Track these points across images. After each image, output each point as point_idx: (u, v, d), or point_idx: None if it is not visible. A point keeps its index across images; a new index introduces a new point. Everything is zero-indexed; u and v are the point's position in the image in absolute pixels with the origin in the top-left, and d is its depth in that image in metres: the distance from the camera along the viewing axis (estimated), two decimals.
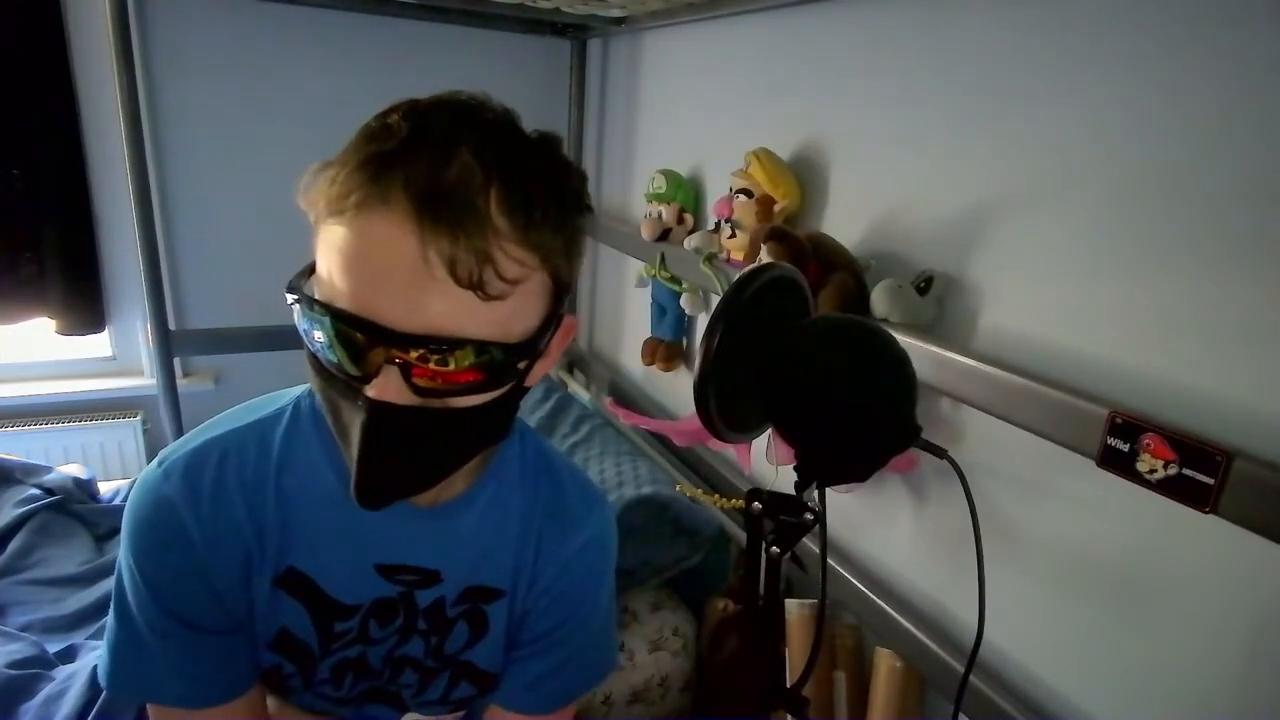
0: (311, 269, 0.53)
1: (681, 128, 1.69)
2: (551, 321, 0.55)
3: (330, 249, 0.49)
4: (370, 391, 0.49)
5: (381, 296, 0.47)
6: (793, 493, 0.64)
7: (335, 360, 0.50)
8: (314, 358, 0.53)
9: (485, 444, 0.60)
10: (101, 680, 0.63)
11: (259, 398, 0.68)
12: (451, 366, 0.49)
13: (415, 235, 0.45)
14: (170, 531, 0.60)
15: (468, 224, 0.46)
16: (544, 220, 0.50)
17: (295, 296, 0.51)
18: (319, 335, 0.50)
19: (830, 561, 1.18)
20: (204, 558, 0.61)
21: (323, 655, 0.66)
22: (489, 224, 0.47)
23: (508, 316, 0.50)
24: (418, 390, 0.49)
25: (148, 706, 0.65)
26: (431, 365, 0.49)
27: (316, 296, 0.50)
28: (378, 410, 0.49)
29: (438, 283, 0.46)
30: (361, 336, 0.48)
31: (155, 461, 0.63)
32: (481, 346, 0.49)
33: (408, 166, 0.46)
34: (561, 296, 0.56)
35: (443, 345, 0.48)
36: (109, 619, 0.63)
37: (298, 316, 0.51)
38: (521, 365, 0.54)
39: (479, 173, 0.47)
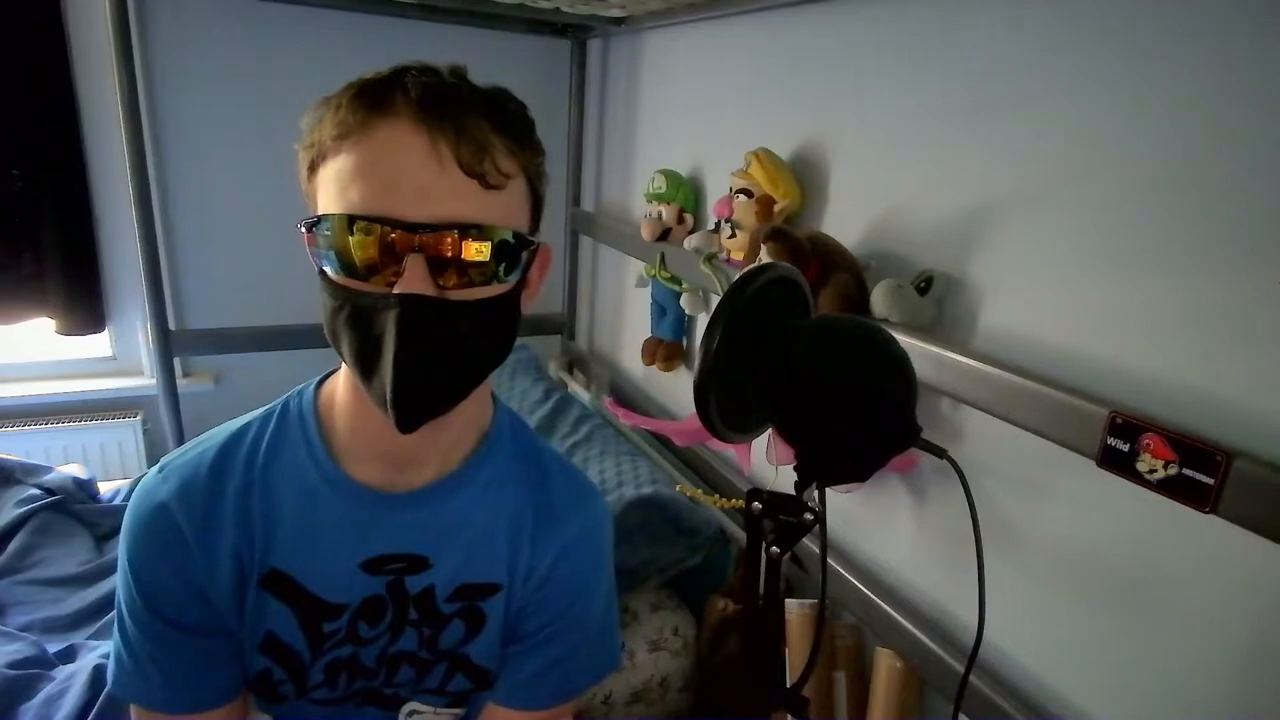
0: (312, 224, 0.55)
1: (681, 128, 1.70)
2: (534, 235, 0.60)
3: (337, 174, 0.53)
4: (399, 288, 0.52)
5: (395, 195, 0.51)
6: (793, 493, 0.64)
7: (358, 265, 0.52)
8: (332, 291, 0.55)
9: (493, 358, 0.61)
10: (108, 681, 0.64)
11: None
12: (469, 251, 0.53)
13: (425, 133, 0.51)
14: (164, 536, 0.61)
15: (467, 121, 0.52)
16: (520, 133, 0.57)
17: (311, 221, 0.54)
18: (339, 244, 0.53)
19: (830, 561, 1.18)
20: (197, 563, 0.61)
21: (314, 657, 0.66)
22: (482, 124, 0.53)
23: (506, 210, 0.56)
24: (440, 282, 0.53)
25: (131, 710, 0.65)
26: (449, 250, 0.53)
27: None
28: (409, 304, 0.52)
29: (446, 174, 0.52)
30: (383, 230, 0.51)
31: (156, 467, 0.64)
32: (492, 230, 0.54)
33: (403, 85, 0.53)
34: (537, 220, 0.62)
35: (457, 228, 0.52)
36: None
37: (314, 250, 0.54)
38: (524, 256, 0.58)
39: (463, 89, 0.55)
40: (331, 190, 0.53)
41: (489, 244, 0.54)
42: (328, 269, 0.54)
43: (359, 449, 0.64)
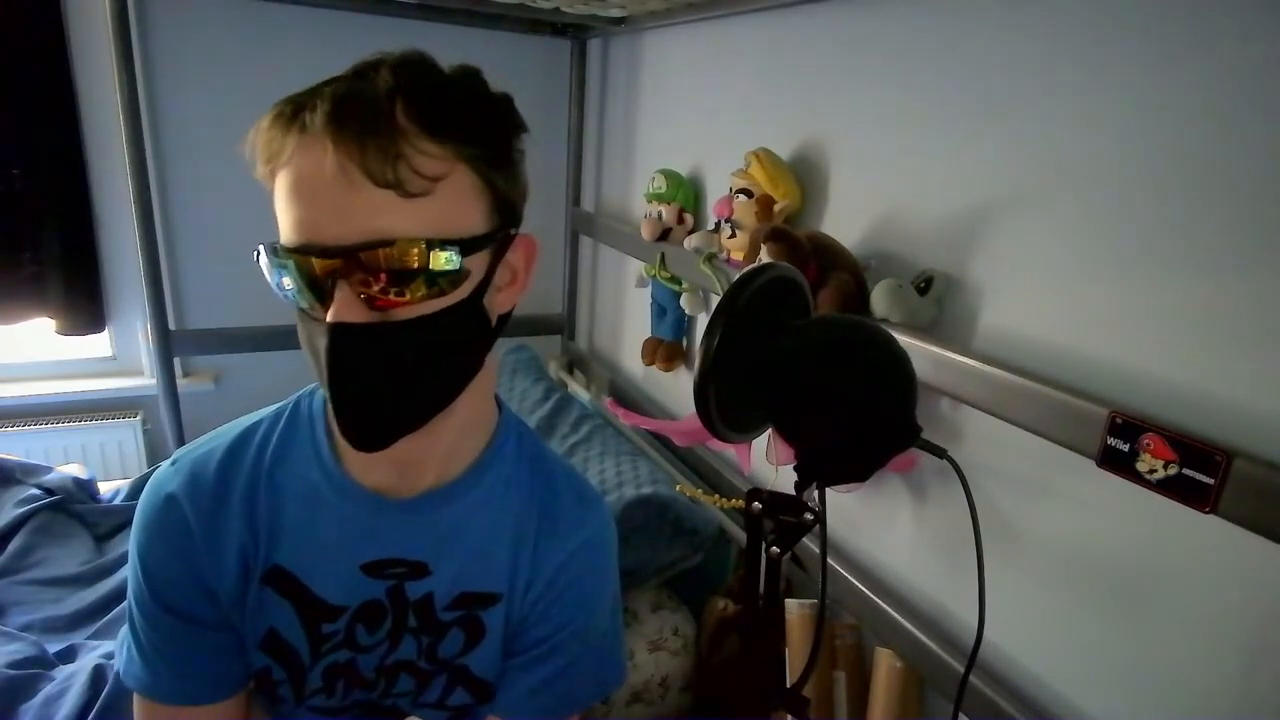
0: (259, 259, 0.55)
1: (681, 128, 1.69)
2: (499, 234, 0.56)
3: (278, 200, 0.52)
4: (329, 316, 0.50)
5: (316, 218, 0.50)
6: (793, 493, 0.64)
7: (292, 294, 0.52)
8: (298, 317, 0.55)
9: (454, 372, 0.58)
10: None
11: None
12: (394, 267, 0.50)
13: (330, 150, 0.49)
14: (172, 527, 0.61)
15: (375, 125, 0.49)
16: (457, 120, 0.52)
17: (257, 252, 0.53)
18: (279, 278, 0.52)
19: (830, 561, 1.18)
20: (203, 556, 0.62)
21: (313, 660, 0.66)
22: (396, 125, 0.50)
23: (438, 215, 0.52)
24: (372, 304, 0.51)
25: (135, 703, 0.65)
26: (373, 271, 0.50)
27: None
28: (336, 332, 0.50)
29: (358, 189, 0.49)
30: (306, 259, 0.50)
31: (170, 459, 0.65)
32: (413, 242, 0.50)
33: (315, 100, 0.50)
34: (506, 210, 0.57)
35: (377, 246, 0.50)
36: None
37: (267, 274, 0.54)
38: (468, 266, 0.54)
39: (389, 85, 0.51)
40: (278, 216, 0.53)
41: (413, 258, 0.50)
42: (278, 292, 0.54)
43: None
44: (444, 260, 0.52)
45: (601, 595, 0.73)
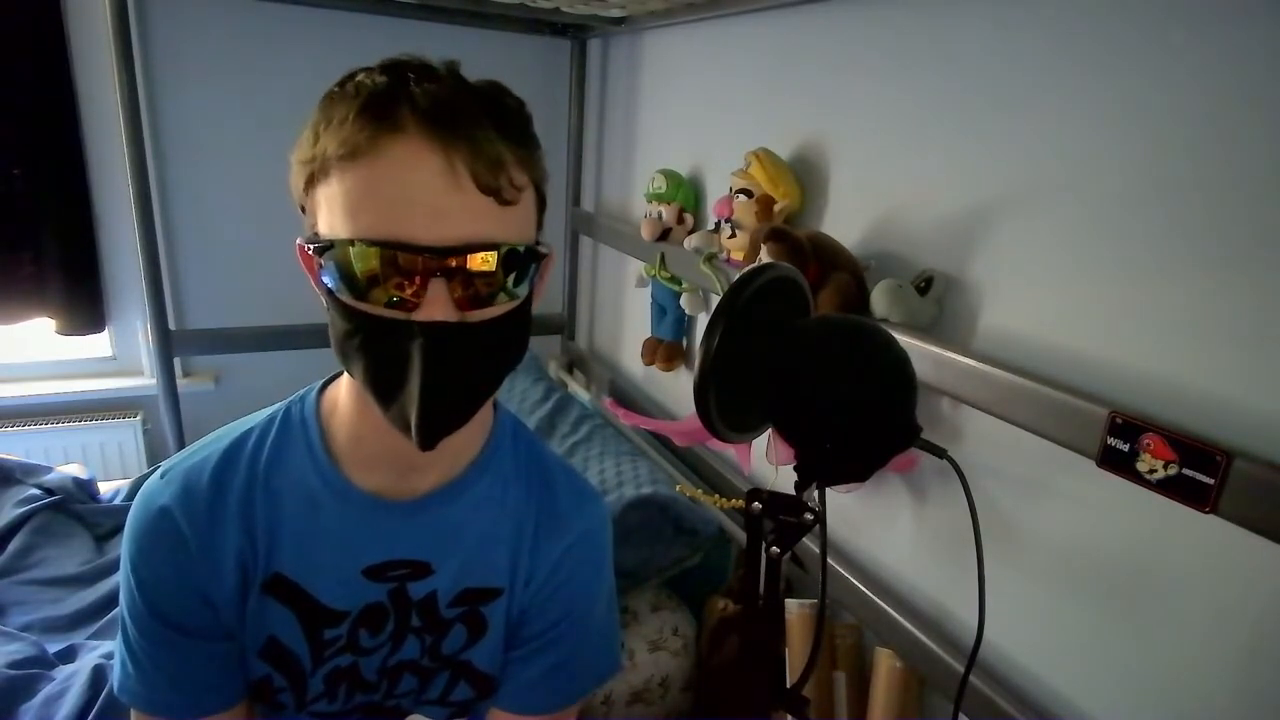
0: (312, 238, 0.54)
1: (681, 128, 1.70)
2: (540, 239, 0.59)
3: (345, 193, 0.51)
4: (421, 315, 0.51)
5: (408, 217, 0.50)
6: (793, 493, 0.64)
7: (374, 290, 0.51)
8: (345, 315, 0.53)
9: (510, 363, 0.60)
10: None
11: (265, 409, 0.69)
12: (488, 272, 0.52)
13: (440, 151, 0.49)
14: (166, 540, 0.61)
15: (480, 137, 0.50)
16: (526, 138, 0.55)
17: (320, 246, 0.52)
18: (352, 270, 0.51)
19: (830, 561, 1.18)
20: (200, 566, 0.61)
21: (314, 665, 0.66)
22: (493, 135, 0.51)
23: (520, 223, 0.55)
24: (459, 305, 0.52)
25: (132, 716, 0.65)
26: (468, 273, 0.51)
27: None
28: (433, 332, 0.51)
29: (462, 193, 0.50)
30: (400, 255, 0.50)
31: (159, 472, 0.64)
32: (509, 248, 0.53)
33: (409, 98, 0.50)
34: (542, 218, 0.60)
35: (480, 249, 0.51)
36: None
37: (328, 270, 0.52)
38: (534, 268, 0.57)
39: (469, 97, 0.52)
40: (338, 210, 0.51)
41: (507, 263, 0.52)
42: (338, 292, 0.52)
43: (362, 456, 0.64)
44: (529, 266, 0.55)
45: (599, 586, 0.74)
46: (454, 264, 0.50)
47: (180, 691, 0.63)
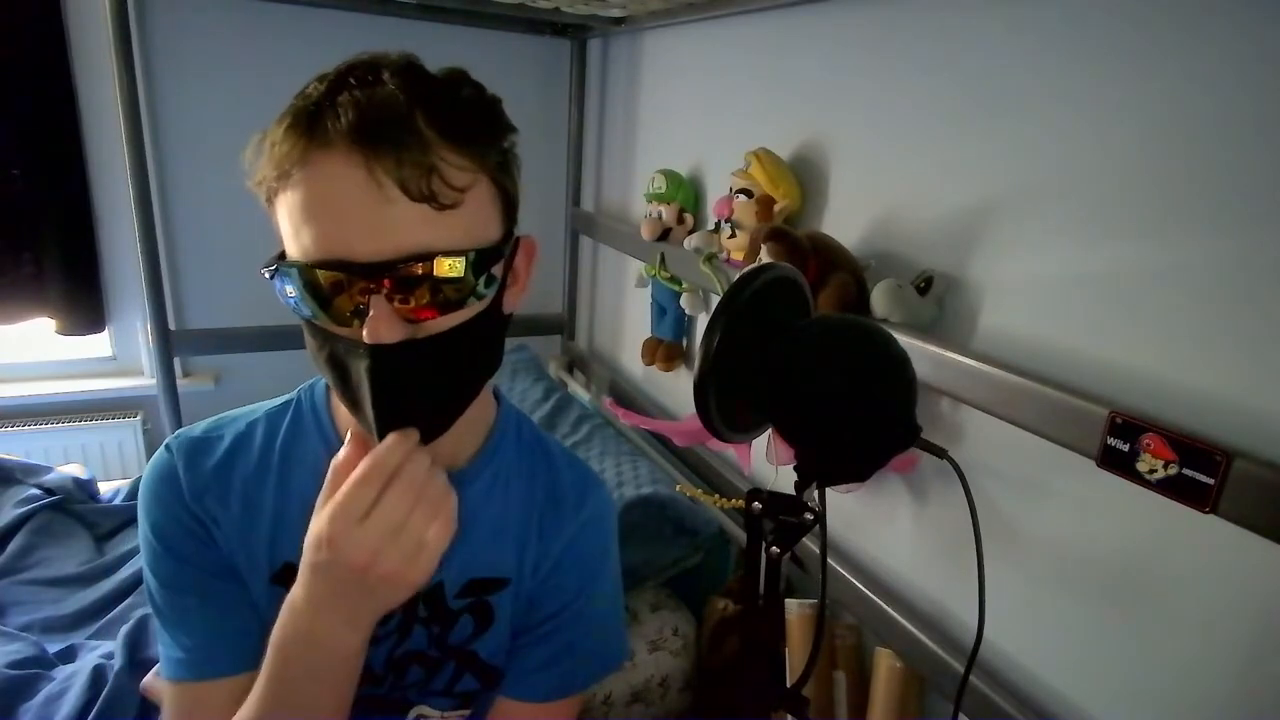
0: (280, 255, 0.54)
1: (681, 128, 1.69)
2: (510, 237, 0.58)
3: (288, 212, 0.51)
4: (365, 336, 0.50)
5: (346, 234, 0.49)
6: (793, 493, 0.64)
7: (318, 315, 0.52)
8: (311, 331, 0.55)
9: (482, 372, 0.60)
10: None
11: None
12: (447, 275, 0.50)
13: (361, 164, 0.48)
14: (173, 490, 0.63)
15: (407, 141, 0.48)
16: (476, 129, 0.53)
17: (271, 268, 0.52)
18: (293, 293, 0.51)
19: (830, 561, 1.18)
20: (206, 505, 0.64)
21: None
22: (425, 138, 0.49)
23: (467, 226, 0.52)
24: (408, 319, 0.51)
25: (164, 695, 0.65)
26: (410, 286, 0.50)
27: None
28: (377, 354, 0.51)
29: (393, 204, 0.48)
30: (340, 277, 0.49)
31: (165, 443, 0.66)
32: (453, 256, 0.51)
33: (336, 110, 0.49)
34: (512, 214, 0.58)
35: (416, 261, 0.49)
36: None
37: (281, 291, 0.53)
38: (495, 272, 0.55)
39: (403, 96, 0.50)
40: (288, 230, 0.52)
41: (454, 271, 0.51)
42: (297, 310, 0.53)
43: None
44: (481, 270, 0.53)
45: (604, 572, 0.75)
46: (388, 281, 0.49)
47: (213, 636, 0.63)
